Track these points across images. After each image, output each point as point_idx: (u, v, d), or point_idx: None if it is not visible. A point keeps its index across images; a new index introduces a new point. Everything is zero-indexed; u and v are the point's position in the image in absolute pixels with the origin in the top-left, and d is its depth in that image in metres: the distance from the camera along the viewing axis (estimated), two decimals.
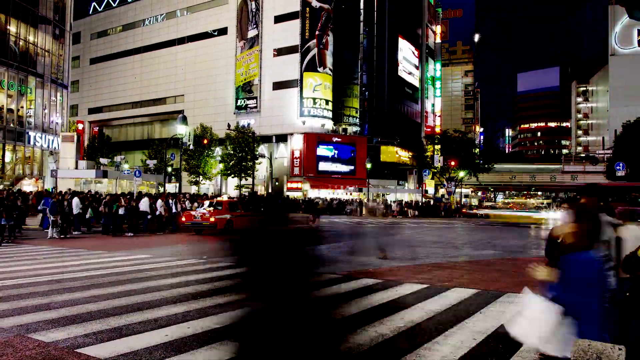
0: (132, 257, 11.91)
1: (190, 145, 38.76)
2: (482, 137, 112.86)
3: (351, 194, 50.15)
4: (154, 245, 14.84)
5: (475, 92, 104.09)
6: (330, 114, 50.44)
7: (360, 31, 54.06)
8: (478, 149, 67.73)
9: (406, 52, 63.90)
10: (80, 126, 50.79)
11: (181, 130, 29.20)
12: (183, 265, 10.48)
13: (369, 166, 44.31)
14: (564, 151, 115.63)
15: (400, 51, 61.79)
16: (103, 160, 40.69)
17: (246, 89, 52.73)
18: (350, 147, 51.13)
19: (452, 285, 8.50)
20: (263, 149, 46.90)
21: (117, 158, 41.67)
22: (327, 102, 49.97)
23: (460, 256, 13.14)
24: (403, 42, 62.52)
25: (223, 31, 54.94)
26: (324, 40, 49.72)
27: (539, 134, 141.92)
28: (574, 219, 3.66)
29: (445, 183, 51.37)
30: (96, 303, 6.65)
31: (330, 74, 50.19)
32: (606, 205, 5.18)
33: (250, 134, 43.66)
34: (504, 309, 6.60)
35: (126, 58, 62.68)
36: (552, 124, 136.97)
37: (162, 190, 32.83)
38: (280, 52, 50.68)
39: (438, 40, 77.81)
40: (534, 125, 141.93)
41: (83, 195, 22.29)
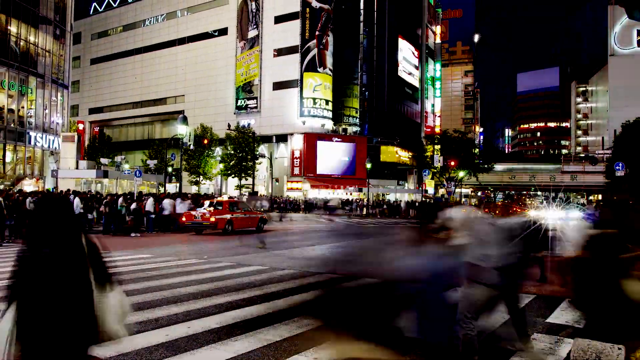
0: (133, 256, 11.96)
1: (190, 146, 38.87)
2: (481, 137, 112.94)
3: (351, 194, 50.18)
4: (155, 245, 14.90)
5: (475, 92, 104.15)
6: (330, 114, 50.49)
7: (360, 31, 54.12)
8: (478, 149, 67.79)
9: (406, 53, 63.98)
10: (80, 126, 50.87)
11: (181, 131, 29.28)
12: (183, 265, 10.53)
13: (369, 166, 44.33)
14: (564, 151, 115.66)
15: (400, 51, 61.86)
16: (104, 161, 40.79)
17: (246, 89, 52.79)
18: (350, 147, 51.17)
19: None
20: (263, 149, 46.98)
21: (118, 158, 41.76)
22: (327, 102, 50.03)
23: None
24: (403, 43, 62.60)
25: (223, 31, 55.00)
26: (324, 41, 49.77)
27: (538, 134, 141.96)
28: None
29: (445, 183, 51.40)
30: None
31: (330, 74, 50.24)
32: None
33: (250, 134, 43.71)
34: None
35: (127, 58, 62.74)
36: (552, 124, 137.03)
37: (162, 190, 32.90)
38: (280, 52, 50.74)
39: (438, 40, 77.90)
40: (533, 126, 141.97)
41: (87, 196, 22.31)
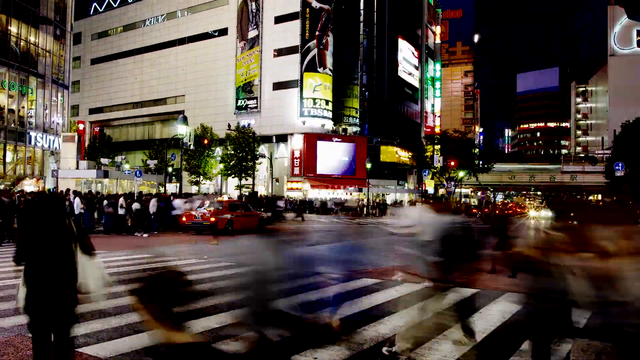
0: (134, 256, 11.96)
1: (190, 146, 38.82)
2: (481, 137, 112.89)
3: (351, 194, 50.17)
4: (155, 245, 14.90)
5: (474, 92, 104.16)
6: (330, 114, 50.47)
7: (360, 31, 54.10)
8: (478, 149, 67.74)
9: (406, 53, 63.99)
10: (81, 126, 50.84)
11: (182, 131, 29.29)
12: (183, 265, 10.53)
13: (369, 166, 44.32)
14: (563, 151, 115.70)
15: (400, 52, 61.87)
16: (104, 161, 40.75)
17: (246, 89, 52.78)
18: (350, 147, 51.15)
19: None
20: (263, 149, 46.97)
21: (118, 158, 41.73)
22: (327, 102, 50.01)
23: None
24: (403, 43, 62.60)
25: (223, 32, 54.99)
26: (324, 41, 49.75)
27: (538, 134, 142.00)
28: None
29: (444, 183, 51.43)
30: (97, 302, 6.67)
31: (330, 74, 50.22)
32: None
33: (250, 134, 43.67)
34: None
35: (127, 58, 62.72)
36: (552, 124, 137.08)
37: (162, 190, 32.89)
38: (280, 52, 50.72)
39: (438, 40, 77.92)
40: (533, 126, 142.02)
41: (90, 196, 22.29)
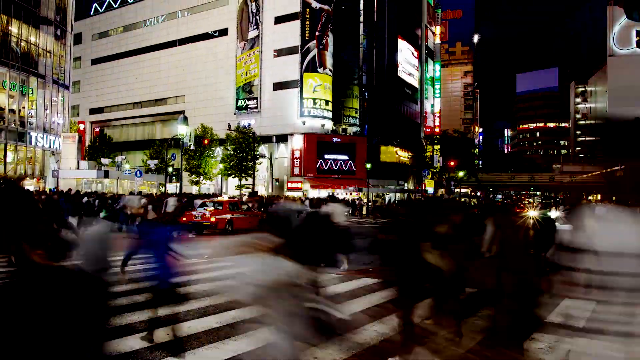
0: (133, 256, 12.05)
1: (190, 146, 38.95)
2: (481, 137, 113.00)
3: (351, 194, 50.31)
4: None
5: (474, 92, 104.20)
6: (330, 115, 50.58)
7: (360, 32, 54.17)
8: (477, 150, 67.92)
9: (406, 53, 64.06)
10: (81, 126, 51.02)
11: (182, 131, 29.44)
12: (184, 265, 10.62)
13: (368, 166, 44.46)
14: (563, 151, 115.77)
15: (400, 52, 61.94)
16: (104, 161, 40.89)
17: (246, 89, 52.89)
18: (350, 147, 51.26)
19: None
20: (263, 149, 47.09)
21: (118, 158, 41.80)
22: (327, 102, 50.12)
23: None
24: (403, 43, 62.68)
25: (224, 32, 55.08)
26: (323, 41, 49.86)
27: (538, 134, 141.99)
28: None
29: (444, 183, 51.60)
30: None
31: (330, 75, 50.32)
32: None
33: (250, 134, 43.79)
34: None
35: (127, 59, 62.81)
36: (551, 125, 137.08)
37: (162, 190, 33.03)
38: (280, 52, 50.82)
39: (437, 41, 77.92)
40: (533, 126, 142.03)
41: (94, 196, 22.41)
